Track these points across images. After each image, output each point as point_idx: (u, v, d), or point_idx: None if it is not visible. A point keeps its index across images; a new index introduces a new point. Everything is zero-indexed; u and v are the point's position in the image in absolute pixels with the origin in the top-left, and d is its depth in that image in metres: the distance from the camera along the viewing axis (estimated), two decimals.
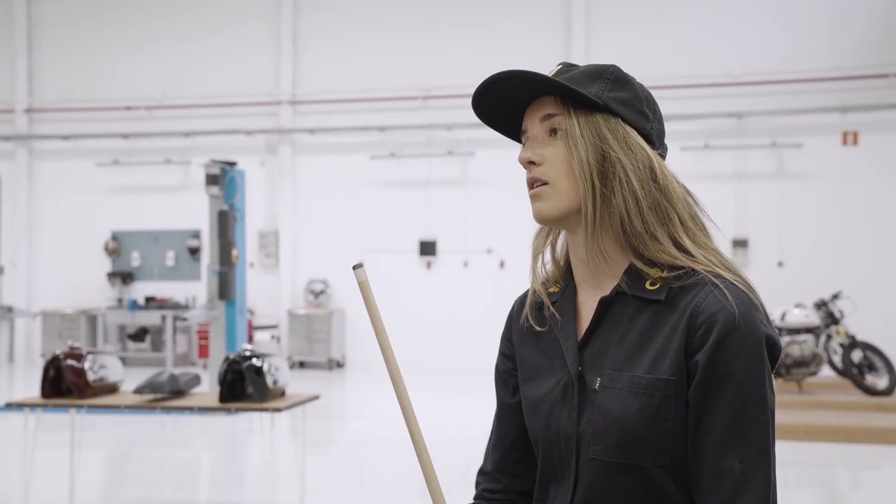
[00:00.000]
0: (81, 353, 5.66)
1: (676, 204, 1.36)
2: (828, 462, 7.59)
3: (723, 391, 1.26)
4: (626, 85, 1.40)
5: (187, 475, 7.45)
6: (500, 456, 1.56)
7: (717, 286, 1.30)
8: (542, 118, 1.40)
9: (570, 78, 1.39)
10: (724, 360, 1.26)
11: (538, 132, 1.40)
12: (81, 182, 15.30)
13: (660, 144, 1.42)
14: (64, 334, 14.41)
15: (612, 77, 1.39)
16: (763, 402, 1.27)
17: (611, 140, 1.35)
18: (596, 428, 1.34)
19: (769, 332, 1.29)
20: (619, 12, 13.68)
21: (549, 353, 1.45)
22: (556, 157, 1.38)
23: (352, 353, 14.34)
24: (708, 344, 1.27)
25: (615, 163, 1.34)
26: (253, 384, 5.47)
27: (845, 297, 10.64)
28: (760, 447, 1.26)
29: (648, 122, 1.40)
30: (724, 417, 1.26)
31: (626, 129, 1.37)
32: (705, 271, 1.32)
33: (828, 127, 13.01)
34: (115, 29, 15.30)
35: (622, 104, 1.38)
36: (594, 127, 1.36)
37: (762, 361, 1.27)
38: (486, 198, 13.97)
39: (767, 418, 1.27)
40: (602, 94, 1.37)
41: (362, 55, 14.43)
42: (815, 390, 10.11)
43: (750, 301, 1.30)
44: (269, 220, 14.78)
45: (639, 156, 1.35)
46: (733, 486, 1.25)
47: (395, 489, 6.67)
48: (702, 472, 1.28)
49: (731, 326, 1.26)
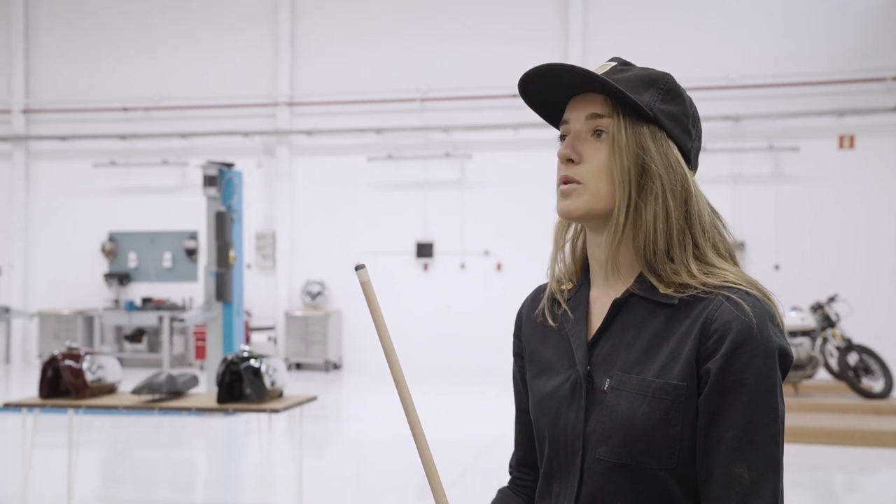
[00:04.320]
0: (79, 354, 5.66)
1: (699, 231, 1.35)
2: (823, 465, 7.61)
3: (734, 400, 1.26)
4: (678, 98, 1.38)
5: (185, 476, 7.45)
6: (523, 453, 1.59)
7: (731, 296, 1.29)
8: (588, 116, 1.37)
9: (624, 81, 1.36)
10: (736, 370, 1.26)
11: (581, 129, 1.38)
12: (78, 183, 15.29)
13: (695, 163, 1.41)
14: (61, 335, 14.40)
15: (665, 87, 1.37)
16: (774, 411, 1.27)
17: (654, 154, 1.34)
18: (603, 429, 1.34)
19: (782, 343, 1.28)
20: (616, 15, 13.70)
21: (558, 351, 1.45)
22: (596, 159, 1.36)
23: (349, 355, 14.34)
24: (720, 352, 1.27)
25: (654, 177, 1.33)
26: (251, 385, 5.48)
27: (841, 299, 10.67)
28: (770, 456, 1.26)
29: (690, 141, 1.39)
30: (734, 426, 1.26)
31: (670, 144, 1.36)
32: (716, 287, 1.32)
33: (824, 130, 13.04)
34: (112, 30, 15.30)
35: (670, 118, 1.36)
36: (640, 137, 1.34)
37: (774, 372, 1.27)
38: (483, 200, 13.99)
39: (778, 428, 1.27)
40: (654, 104, 1.35)
41: (360, 57, 14.44)
42: (811, 393, 10.13)
43: (764, 310, 1.29)
44: (267, 221, 14.79)
45: (678, 174, 1.34)
46: (742, 495, 1.25)
47: (393, 490, 6.67)
48: (711, 480, 1.28)
49: (745, 336, 1.26)
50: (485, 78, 13.80)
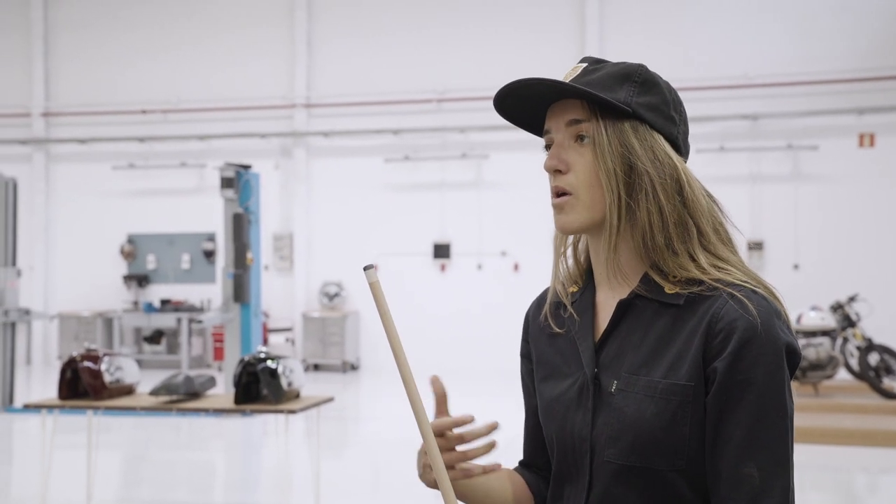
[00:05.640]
0: (98, 355, 5.69)
1: (700, 218, 1.34)
2: (845, 466, 7.55)
3: (742, 399, 1.25)
4: (655, 87, 1.36)
5: (203, 477, 7.48)
6: (529, 455, 1.60)
7: (735, 294, 1.28)
8: (567, 123, 1.36)
9: (597, 80, 1.35)
10: (743, 368, 1.25)
11: (563, 137, 1.37)
12: (98, 185, 15.38)
13: (685, 146, 1.39)
14: (80, 337, 14.49)
15: (640, 80, 1.35)
16: (783, 409, 1.26)
17: (639, 150, 1.32)
18: (611, 431, 1.33)
19: (789, 340, 1.27)
20: (633, 15, 13.65)
21: (565, 353, 1.44)
22: (582, 165, 1.35)
23: (366, 356, 14.36)
24: (727, 351, 1.25)
25: (642, 175, 1.32)
26: (268, 386, 5.49)
27: (862, 299, 10.58)
28: (779, 455, 1.25)
29: (675, 126, 1.37)
30: (743, 425, 1.25)
31: (654, 136, 1.34)
32: (720, 282, 1.31)
33: (844, 129, 12.94)
34: (130, 33, 15.38)
35: (650, 110, 1.34)
36: (622, 135, 1.33)
37: (782, 369, 1.26)
38: (500, 200, 13.97)
39: (787, 426, 1.26)
40: (631, 100, 1.33)
41: (376, 58, 14.46)
42: (832, 393, 10.05)
43: (771, 308, 1.28)
44: (284, 222, 14.82)
45: (666, 167, 1.33)
46: (752, 494, 1.24)
47: (410, 491, 6.67)
48: (720, 480, 1.27)
49: (751, 334, 1.25)
50: (501, 78, 13.58)
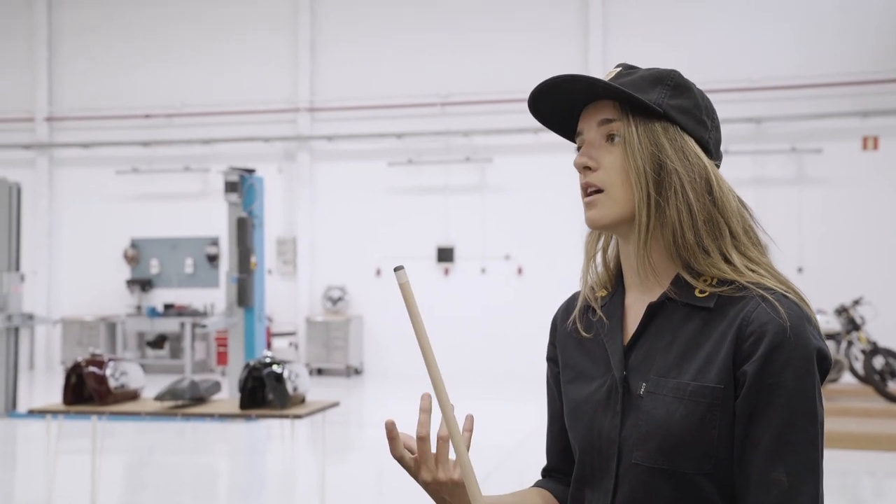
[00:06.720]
0: (103, 360, 5.69)
1: (730, 218, 1.34)
2: (850, 470, 7.52)
3: (772, 403, 1.24)
4: (687, 92, 1.38)
5: (207, 482, 7.47)
6: (554, 462, 1.58)
7: (767, 298, 1.28)
8: (599, 122, 1.38)
9: (630, 83, 1.36)
10: (773, 372, 1.24)
11: (594, 136, 1.38)
12: (101, 190, 15.39)
13: (716, 153, 1.40)
14: (84, 341, 14.49)
15: (672, 83, 1.37)
16: (813, 414, 1.25)
17: (668, 149, 1.34)
18: (640, 433, 1.32)
19: (820, 345, 1.27)
20: (636, 18, 13.65)
21: (593, 356, 1.44)
22: (612, 163, 1.36)
23: (370, 360, 14.35)
24: (757, 355, 1.25)
25: (672, 173, 1.33)
26: (273, 391, 5.49)
27: (866, 302, 10.56)
28: (809, 460, 1.24)
29: (707, 131, 1.38)
30: (772, 429, 1.24)
31: (685, 138, 1.35)
32: (754, 285, 1.31)
33: (847, 132, 12.92)
34: (134, 37, 15.40)
35: (682, 112, 1.36)
36: (652, 135, 1.34)
37: (812, 374, 1.25)
38: (504, 204, 13.96)
39: (817, 431, 1.25)
40: (662, 101, 1.35)
41: (380, 62, 14.46)
42: (837, 397, 10.03)
43: (801, 313, 1.28)
44: (288, 226, 14.82)
45: (696, 167, 1.34)
46: (780, 499, 1.24)
47: (415, 496, 6.65)
48: (749, 484, 1.26)
49: (782, 338, 1.24)
50: (505, 82, 13.78)
